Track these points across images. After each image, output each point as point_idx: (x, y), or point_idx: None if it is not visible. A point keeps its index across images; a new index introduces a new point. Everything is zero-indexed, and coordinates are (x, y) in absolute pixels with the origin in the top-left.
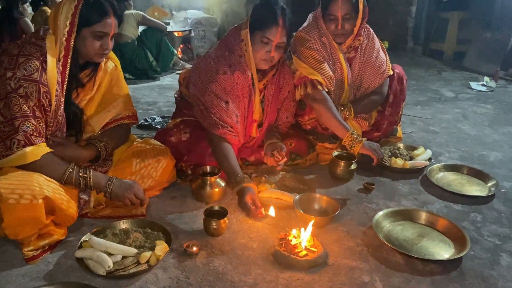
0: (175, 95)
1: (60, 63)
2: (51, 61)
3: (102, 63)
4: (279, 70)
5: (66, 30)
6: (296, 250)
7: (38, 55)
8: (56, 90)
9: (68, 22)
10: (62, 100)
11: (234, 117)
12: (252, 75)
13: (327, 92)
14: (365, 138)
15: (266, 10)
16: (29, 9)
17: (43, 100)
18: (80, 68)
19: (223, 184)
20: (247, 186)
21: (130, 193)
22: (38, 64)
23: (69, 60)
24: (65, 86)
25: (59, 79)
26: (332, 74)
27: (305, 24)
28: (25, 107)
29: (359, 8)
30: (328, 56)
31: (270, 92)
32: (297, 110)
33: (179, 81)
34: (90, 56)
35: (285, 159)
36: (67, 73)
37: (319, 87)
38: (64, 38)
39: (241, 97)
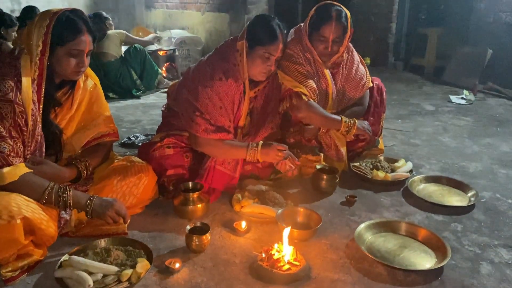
0: (162, 109)
1: (35, 82)
2: (26, 80)
3: (81, 82)
4: (270, 82)
5: (39, 49)
6: (279, 264)
7: (12, 75)
8: (32, 109)
9: (41, 41)
10: (39, 119)
11: (228, 121)
12: (244, 84)
13: None
14: (356, 120)
15: (266, 26)
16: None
17: (18, 120)
18: (57, 88)
19: (205, 200)
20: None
21: (112, 211)
22: (12, 84)
23: (43, 80)
24: (41, 106)
25: (35, 99)
26: (315, 87)
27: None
28: (0, 128)
29: (348, 30)
30: (313, 70)
31: (259, 102)
32: (282, 122)
33: (167, 93)
34: (67, 74)
35: (294, 166)
36: (42, 92)
37: (304, 97)
38: (37, 58)
39: (231, 103)
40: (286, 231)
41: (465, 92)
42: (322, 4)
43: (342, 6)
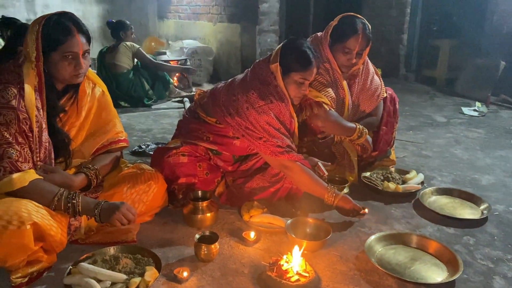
0: (184, 113)
1: (36, 89)
2: (28, 87)
3: (88, 89)
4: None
5: (34, 56)
6: (288, 275)
7: (15, 83)
8: (36, 116)
9: (34, 47)
10: (45, 126)
11: (290, 141)
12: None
13: None
14: (367, 130)
15: (300, 53)
16: None
17: (23, 126)
18: (60, 94)
19: (214, 209)
20: (344, 194)
21: (119, 213)
22: (15, 91)
23: (43, 86)
24: (45, 113)
25: (39, 105)
26: (334, 96)
27: None
28: (6, 134)
29: (370, 43)
30: (331, 80)
31: None
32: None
33: (194, 101)
34: (67, 79)
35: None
36: (44, 99)
37: (325, 106)
38: (34, 65)
39: (284, 123)
40: (296, 248)
41: (478, 104)
42: (346, 16)
43: (364, 18)
